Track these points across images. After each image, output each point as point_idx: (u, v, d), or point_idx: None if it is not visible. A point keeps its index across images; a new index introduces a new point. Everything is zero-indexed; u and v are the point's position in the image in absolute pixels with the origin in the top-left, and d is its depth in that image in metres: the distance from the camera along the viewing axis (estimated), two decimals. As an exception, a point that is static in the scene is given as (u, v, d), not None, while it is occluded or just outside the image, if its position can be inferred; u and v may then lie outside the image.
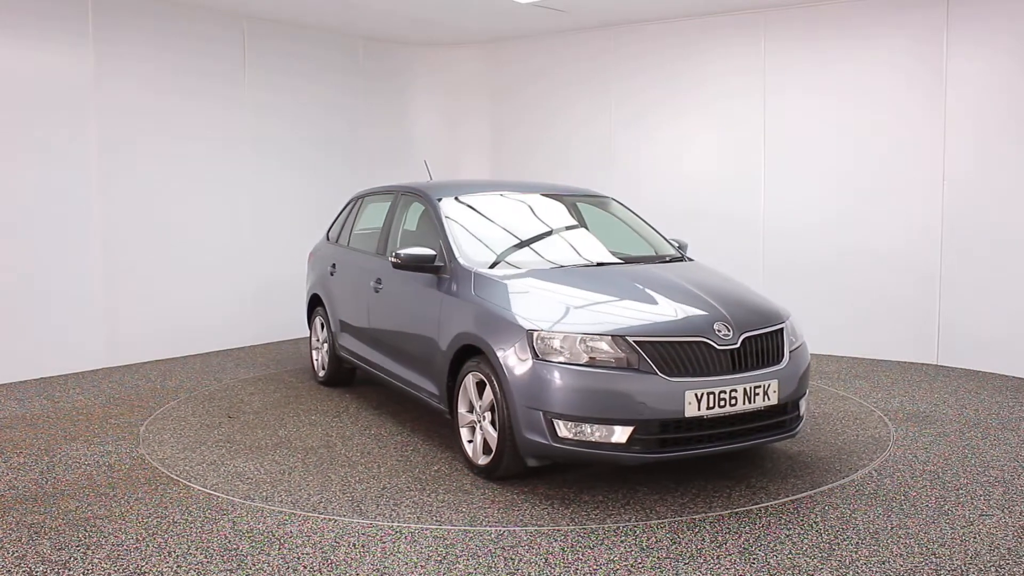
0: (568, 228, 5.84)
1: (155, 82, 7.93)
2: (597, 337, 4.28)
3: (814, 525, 4.05)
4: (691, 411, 4.21)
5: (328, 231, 7.46)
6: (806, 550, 3.78)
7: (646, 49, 9.06)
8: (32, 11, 7.11)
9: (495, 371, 4.50)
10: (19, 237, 7.11)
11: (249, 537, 3.94)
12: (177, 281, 8.18)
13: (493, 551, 3.78)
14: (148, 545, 3.86)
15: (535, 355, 4.33)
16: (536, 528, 4.03)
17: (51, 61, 7.27)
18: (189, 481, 4.71)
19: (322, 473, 4.90)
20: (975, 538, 3.90)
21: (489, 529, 4.02)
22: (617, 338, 4.27)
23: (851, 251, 7.99)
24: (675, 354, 4.28)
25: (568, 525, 4.07)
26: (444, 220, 5.50)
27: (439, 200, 5.69)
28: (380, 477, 4.82)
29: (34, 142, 7.16)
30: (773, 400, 4.42)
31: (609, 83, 9.33)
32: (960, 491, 4.50)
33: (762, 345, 4.51)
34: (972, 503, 4.33)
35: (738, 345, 4.39)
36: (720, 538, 3.91)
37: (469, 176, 10.18)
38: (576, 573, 3.57)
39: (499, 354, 4.46)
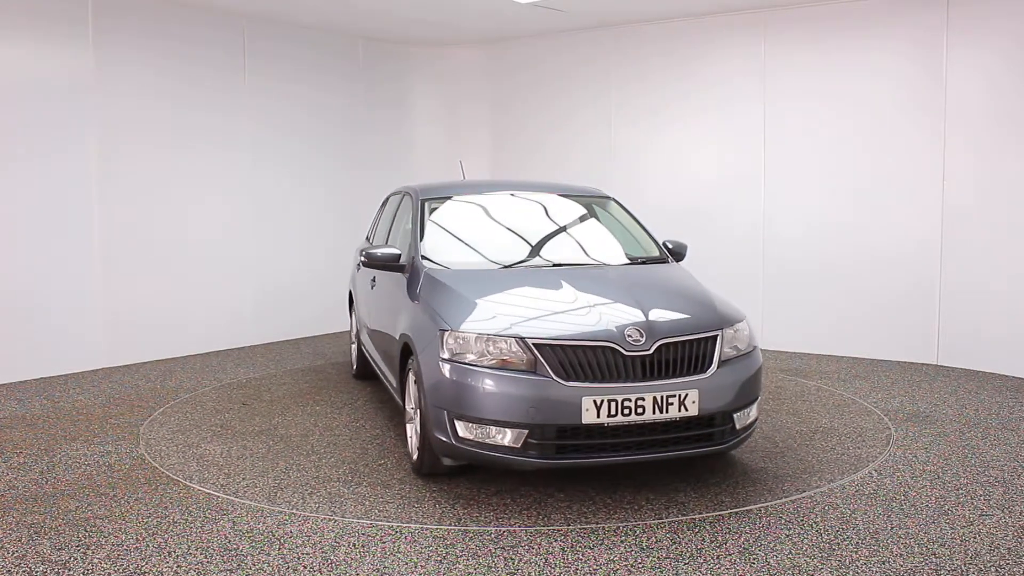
0: (547, 229, 5.72)
1: (155, 82, 7.94)
2: (499, 339, 4.26)
3: (814, 525, 4.05)
4: (589, 418, 4.09)
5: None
6: (806, 550, 3.78)
7: (646, 49, 9.06)
8: (32, 11, 7.11)
9: (418, 369, 4.56)
10: (19, 237, 7.12)
11: (249, 537, 3.95)
12: (177, 281, 8.18)
13: (493, 551, 3.78)
14: (148, 545, 3.86)
15: (443, 355, 4.35)
16: (536, 528, 4.04)
17: (51, 61, 7.27)
18: (189, 481, 4.72)
19: (274, 460, 5.10)
20: (975, 538, 3.90)
21: (489, 529, 4.03)
22: (518, 340, 4.23)
23: (851, 251, 8.00)
24: (577, 359, 4.17)
25: (568, 525, 4.07)
26: (419, 220, 5.57)
27: (422, 200, 5.76)
28: (321, 467, 4.97)
29: (34, 142, 7.16)
30: (692, 411, 4.22)
31: (609, 83, 9.33)
32: (960, 491, 4.50)
33: (681, 353, 4.31)
34: (972, 503, 4.33)
35: (651, 352, 4.23)
36: (720, 538, 3.91)
37: (470, 176, 10.17)
38: (576, 573, 3.57)
39: (419, 352, 4.54)
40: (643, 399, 4.14)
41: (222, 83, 8.50)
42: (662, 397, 4.16)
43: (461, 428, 4.26)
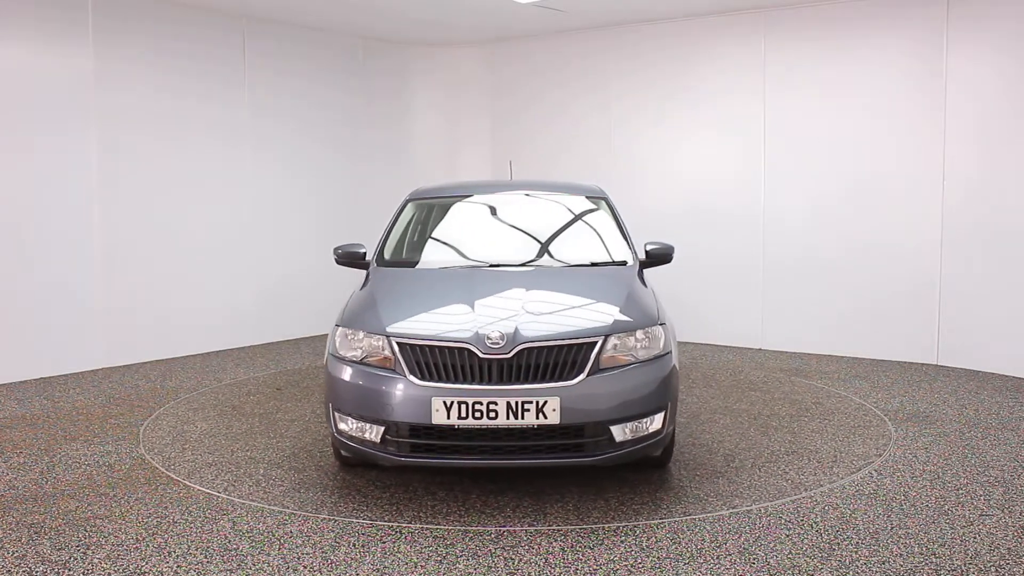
0: (515, 230, 5.70)
1: (155, 82, 7.94)
2: (373, 336, 4.36)
3: (814, 525, 4.05)
4: (439, 419, 4.07)
5: None
6: (806, 550, 3.78)
7: (646, 49, 9.06)
8: (32, 11, 7.12)
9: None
10: (19, 237, 7.12)
11: (249, 537, 3.95)
12: (177, 281, 8.18)
13: (493, 551, 3.78)
14: (148, 545, 3.86)
15: (330, 349, 4.54)
16: (536, 528, 4.04)
17: (51, 61, 7.27)
18: (189, 481, 4.72)
19: (237, 441, 5.46)
20: (975, 538, 3.90)
21: (489, 529, 4.03)
22: (387, 339, 4.30)
23: (851, 251, 7.99)
24: (433, 359, 4.17)
25: (568, 525, 4.07)
26: (393, 219, 5.72)
27: (406, 201, 5.90)
28: (268, 450, 5.28)
29: (34, 142, 7.16)
30: (553, 419, 4.06)
31: (609, 83, 9.33)
32: (960, 491, 4.50)
33: (547, 358, 4.15)
34: (972, 503, 4.33)
35: (509, 356, 4.12)
36: (720, 538, 3.91)
37: (471, 175, 10.19)
38: (576, 573, 3.57)
39: (327, 347, 4.69)
40: (495, 403, 4.05)
41: (222, 83, 8.49)
42: (517, 403, 4.05)
43: (339, 421, 4.40)
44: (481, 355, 4.13)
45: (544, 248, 5.47)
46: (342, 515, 4.23)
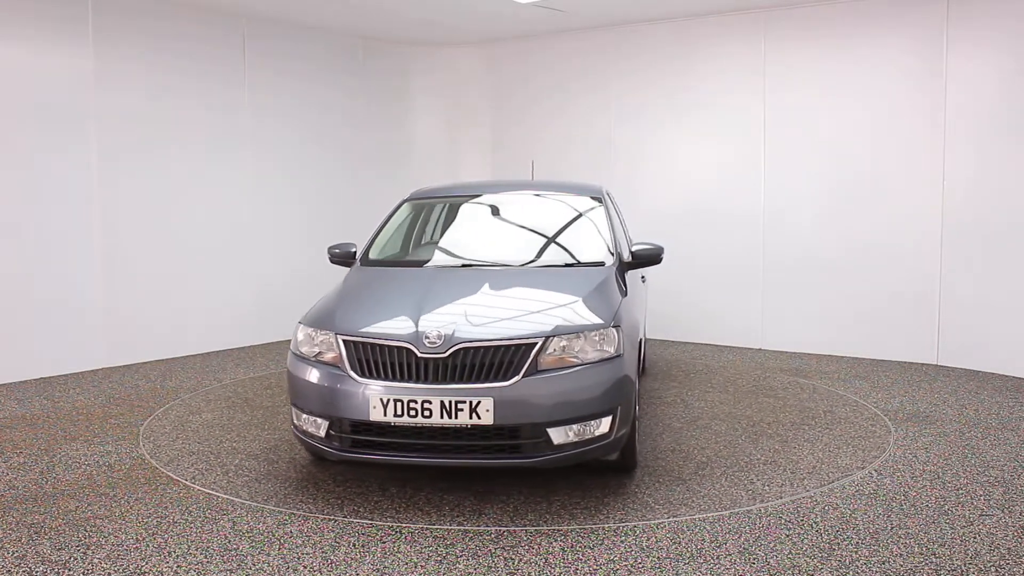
0: (501, 230, 5.71)
1: (155, 83, 7.94)
2: (323, 333, 4.46)
3: (814, 525, 4.05)
4: (376, 415, 4.14)
5: None
6: (806, 550, 3.77)
7: (646, 49, 9.06)
8: (32, 11, 7.12)
9: None
10: (19, 237, 7.12)
11: (249, 537, 3.95)
12: (177, 281, 8.18)
13: (493, 551, 3.78)
14: (148, 545, 3.86)
15: (294, 346, 4.64)
16: (536, 528, 4.04)
17: (51, 61, 7.27)
18: (189, 481, 4.72)
19: (230, 432, 5.63)
20: (975, 538, 3.90)
21: (489, 529, 4.03)
22: (334, 336, 4.39)
23: (851, 251, 8.00)
24: (374, 357, 4.25)
25: (568, 525, 4.07)
26: (387, 219, 5.79)
27: (403, 201, 5.97)
28: (256, 442, 5.40)
29: (34, 143, 7.16)
30: (487, 420, 4.05)
31: (609, 83, 9.33)
32: (960, 491, 4.50)
33: (483, 359, 4.14)
34: (972, 503, 4.33)
35: (445, 355, 4.14)
36: (720, 538, 3.91)
37: (471, 176, 10.19)
38: (576, 573, 3.57)
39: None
40: (430, 402, 4.09)
41: (222, 84, 8.50)
42: (451, 402, 4.07)
43: (296, 416, 4.52)
44: (419, 354, 4.18)
45: (522, 249, 5.44)
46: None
